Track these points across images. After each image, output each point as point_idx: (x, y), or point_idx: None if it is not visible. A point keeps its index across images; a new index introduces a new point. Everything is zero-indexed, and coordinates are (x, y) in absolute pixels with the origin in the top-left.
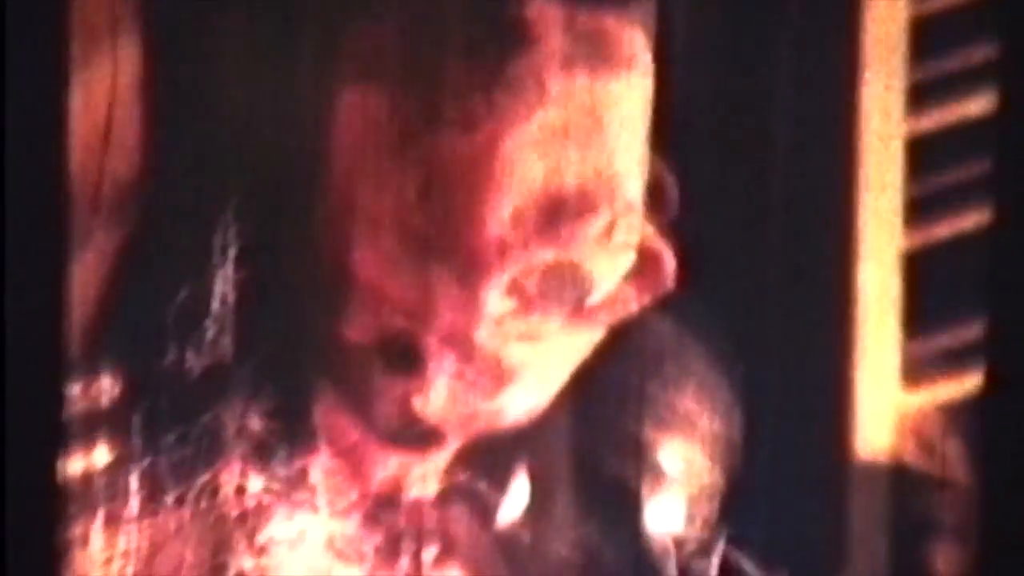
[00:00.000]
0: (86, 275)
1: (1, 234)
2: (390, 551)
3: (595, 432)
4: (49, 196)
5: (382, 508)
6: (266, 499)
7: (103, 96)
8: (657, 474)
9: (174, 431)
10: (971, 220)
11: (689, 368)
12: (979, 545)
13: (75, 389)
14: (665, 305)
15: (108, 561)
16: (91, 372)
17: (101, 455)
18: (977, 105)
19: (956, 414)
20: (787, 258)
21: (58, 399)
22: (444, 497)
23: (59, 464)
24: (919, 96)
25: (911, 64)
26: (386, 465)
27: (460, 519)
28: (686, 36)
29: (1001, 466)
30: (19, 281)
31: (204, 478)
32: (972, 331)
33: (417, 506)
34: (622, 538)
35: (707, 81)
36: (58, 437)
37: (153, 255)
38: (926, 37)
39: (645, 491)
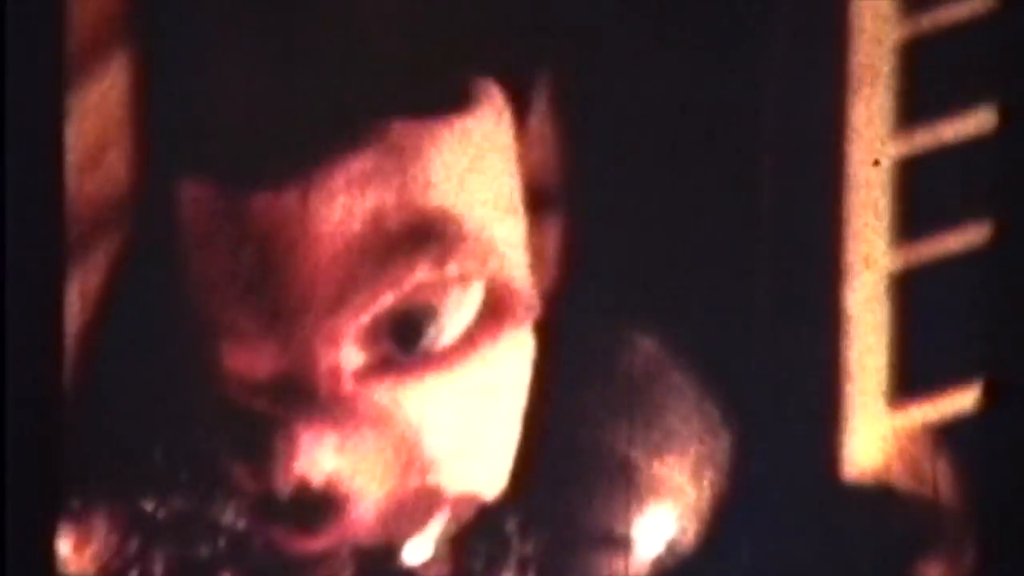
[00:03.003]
0: (83, 283)
1: (1, 239)
2: None
3: (583, 453)
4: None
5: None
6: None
7: (101, 105)
8: (645, 495)
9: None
10: (960, 240)
11: (677, 388)
12: (969, 566)
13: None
14: (653, 325)
15: None
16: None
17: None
18: (967, 124)
19: (945, 434)
20: (775, 277)
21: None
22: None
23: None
24: (908, 115)
25: (900, 83)
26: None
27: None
28: (675, 53)
29: (990, 486)
30: (18, 285)
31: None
32: (961, 351)
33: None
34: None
35: (695, 98)
36: (58, 441)
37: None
38: (916, 56)
39: (633, 511)
